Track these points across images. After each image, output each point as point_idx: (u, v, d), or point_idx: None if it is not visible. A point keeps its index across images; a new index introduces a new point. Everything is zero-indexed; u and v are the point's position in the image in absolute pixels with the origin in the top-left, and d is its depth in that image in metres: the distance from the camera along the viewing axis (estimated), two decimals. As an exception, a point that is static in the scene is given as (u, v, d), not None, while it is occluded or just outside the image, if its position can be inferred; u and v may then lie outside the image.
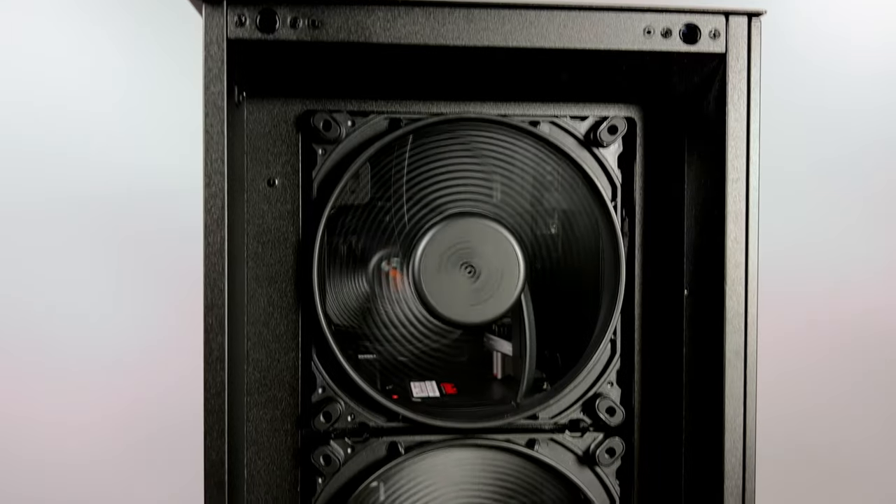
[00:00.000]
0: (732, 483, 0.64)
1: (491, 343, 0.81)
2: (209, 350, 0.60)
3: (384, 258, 0.73)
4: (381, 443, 0.69)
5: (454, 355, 0.75)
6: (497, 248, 0.67)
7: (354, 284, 0.73)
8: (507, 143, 0.70)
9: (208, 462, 0.60)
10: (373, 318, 0.72)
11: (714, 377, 0.65)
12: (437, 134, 0.69)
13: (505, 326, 0.78)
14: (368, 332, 0.71)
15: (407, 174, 0.69)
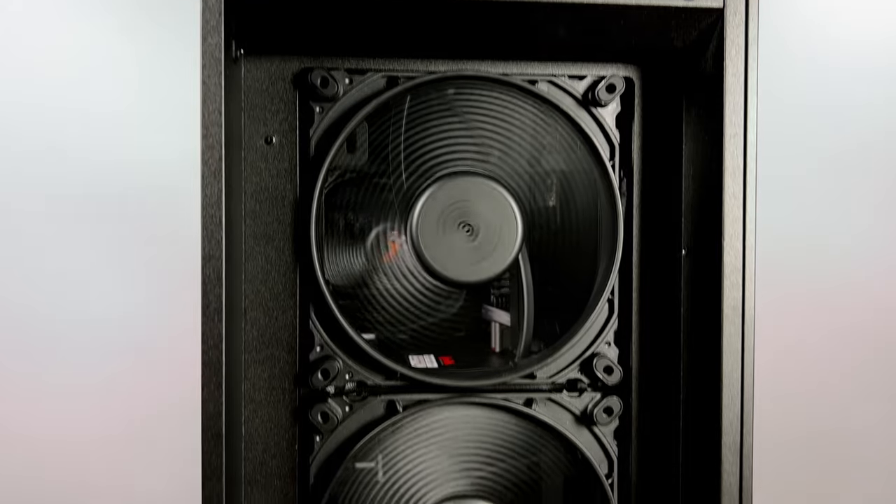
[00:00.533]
0: (730, 439, 0.64)
1: (489, 314, 0.81)
2: (207, 302, 0.60)
3: (382, 232, 0.72)
4: (380, 401, 0.69)
5: (452, 331, 0.75)
6: (495, 208, 0.67)
7: (352, 259, 0.73)
8: (506, 103, 0.70)
9: (206, 414, 0.60)
10: (370, 291, 0.72)
11: (712, 334, 0.65)
12: (434, 93, 0.69)
13: (503, 297, 0.78)
14: (367, 304, 0.71)
15: (405, 134, 0.69)
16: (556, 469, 0.72)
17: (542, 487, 0.72)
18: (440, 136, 0.69)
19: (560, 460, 0.72)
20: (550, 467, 0.72)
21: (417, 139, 0.69)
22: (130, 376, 1.25)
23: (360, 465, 0.71)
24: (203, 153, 0.59)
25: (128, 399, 1.26)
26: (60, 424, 1.26)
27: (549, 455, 0.72)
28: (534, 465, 0.72)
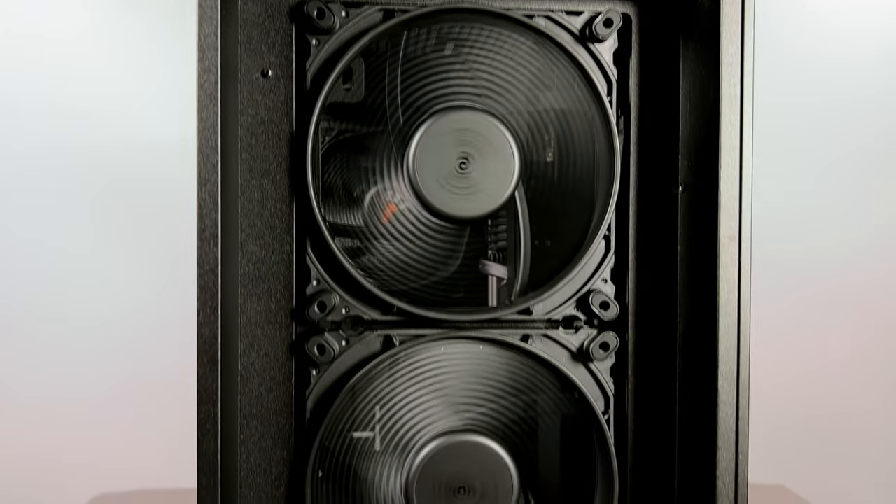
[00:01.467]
0: (727, 369, 0.64)
1: (486, 268, 0.81)
2: (202, 226, 0.60)
3: (378, 193, 0.72)
4: (376, 336, 0.69)
5: (450, 292, 0.74)
6: (492, 142, 0.67)
7: (349, 220, 0.72)
8: (503, 38, 0.69)
9: (201, 339, 0.60)
10: (369, 243, 0.71)
11: (708, 266, 0.65)
12: (431, 28, 0.68)
13: (500, 251, 0.78)
14: (365, 250, 0.71)
15: (401, 68, 0.68)
16: (553, 407, 0.72)
17: (539, 425, 0.72)
18: (437, 72, 0.69)
19: (556, 398, 0.72)
20: (547, 405, 0.72)
21: (414, 74, 0.69)
22: (129, 367, 1.26)
23: (358, 434, 0.71)
24: (199, 76, 0.59)
25: (126, 385, 1.28)
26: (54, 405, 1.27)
27: (545, 393, 0.72)
28: (531, 404, 0.72)
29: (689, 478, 0.68)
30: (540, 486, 0.73)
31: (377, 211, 0.72)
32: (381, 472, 0.70)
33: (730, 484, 0.64)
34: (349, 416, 0.69)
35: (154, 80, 1.24)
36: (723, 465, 0.64)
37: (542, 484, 0.73)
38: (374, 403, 0.69)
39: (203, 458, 0.60)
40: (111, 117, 1.25)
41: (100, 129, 1.25)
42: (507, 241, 0.73)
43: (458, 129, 0.67)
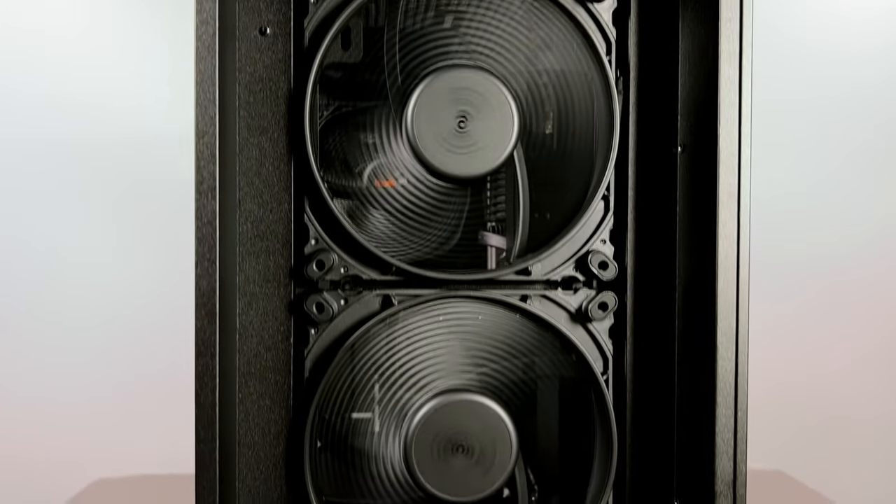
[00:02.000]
0: (726, 324, 0.64)
1: (484, 238, 0.81)
2: (200, 179, 0.60)
3: (377, 170, 0.72)
4: (375, 296, 0.69)
5: (449, 253, 0.74)
6: (491, 101, 0.67)
7: (348, 184, 0.72)
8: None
9: (199, 292, 0.60)
10: (368, 212, 0.71)
11: (707, 224, 0.65)
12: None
13: (499, 223, 0.78)
14: (364, 224, 0.71)
15: (400, 26, 0.68)
16: (552, 368, 0.72)
17: (538, 386, 0.72)
18: (436, 31, 0.69)
19: (555, 360, 0.72)
20: (546, 367, 0.72)
21: (412, 33, 0.69)
22: (129, 356, 1.27)
23: (357, 415, 0.71)
24: (197, 28, 0.59)
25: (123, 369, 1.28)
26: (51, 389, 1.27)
27: (544, 354, 0.72)
28: (529, 365, 0.72)
29: (688, 436, 0.67)
30: (538, 447, 0.73)
31: (376, 183, 0.72)
32: (380, 432, 0.70)
33: (728, 441, 0.64)
34: (348, 376, 0.69)
35: (157, 74, 1.25)
36: (722, 422, 0.64)
37: (540, 445, 0.73)
38: (373, 364, 0.69)
39: (201, 410, 0.60)
40: (111, 112, 1.25)
41: (101, 123, 1.26)
42: (506, 203, 0.72)
43: (456, 87, 0.67)
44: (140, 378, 1.27)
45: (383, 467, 0.70)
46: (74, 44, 1.24)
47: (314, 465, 0.68)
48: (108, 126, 1.25)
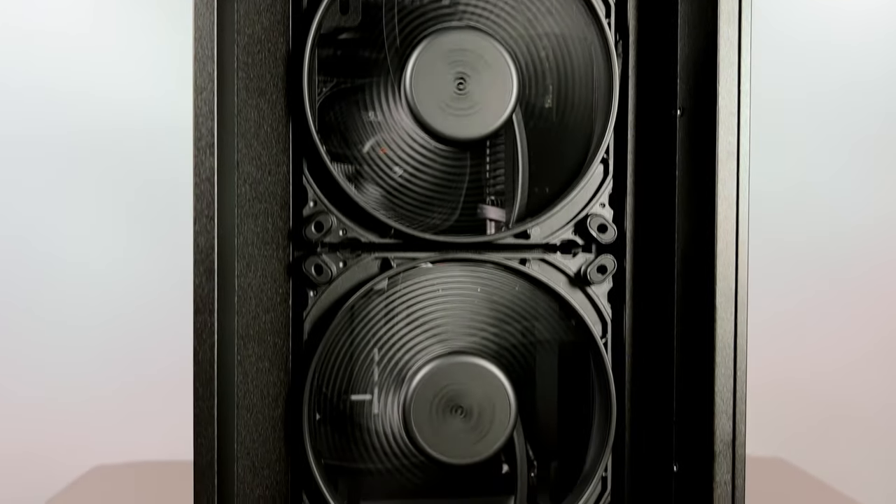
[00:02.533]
0: (725, 285, 0.64)
1: (483, 212, 0.80)
2: (199, 135, 0.59)
3: (376, 144, 0.72)
4: (374, 259, 0.69)
5: (449, 228, 0.74)
6: (490, 62, 0.67)
7: (346, 161, 0.72)
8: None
9: (197, 249, 0.60)
10: (368, 175, 0.71)
11: (706, 186, 0.65)
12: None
13: (498, 195, 0.78)
14: (364, 189, 0.71)
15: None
16: (551, 333, 0.72)
17: (538, 351, 0.72)
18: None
19: (554, 324, 0.72)
20: (545, 331, 0.72)
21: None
22: (124, 333, 1.27)
23: (356, 397, 0.70)
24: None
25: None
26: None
27: (543, 319, 0.72)
28: (528, 330, 0.72)
29: (687, 398, 0.67)
30: (537, 411, 0.73)
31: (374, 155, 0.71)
32: (379, 396, 0.70)
33: (728, 400, 0.64)
34: (347, 338, 0.69)
35: (159, 69, 1.25)
36: (721, 382, 0.64)
37: (539, 409, 0.73)
38: (372, 327, 0.69)
39: (199, 368, 0.59)
40: (111, 102, 1.25)
41: (103, 117, 1.26)
42: (506, 167, 0.72)
43: (454, 49, 0.67)
44: (140, 366, 1.28)
45: (382, 430, 0.69)
46: (78, 38, 1.25)
47: (313, 428, 0.68)
48: (108, 120, 1.26)
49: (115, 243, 1.27)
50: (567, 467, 0.73)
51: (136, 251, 1.27)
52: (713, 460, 0.63)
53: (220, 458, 0.61)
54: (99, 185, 1.27)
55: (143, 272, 1.27)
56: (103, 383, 1.28)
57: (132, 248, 1.27)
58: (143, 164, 1.26)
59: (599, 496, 0.71)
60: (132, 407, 1.28)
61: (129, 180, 1.27)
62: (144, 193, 1.27)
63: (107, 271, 1.27)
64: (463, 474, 0.73)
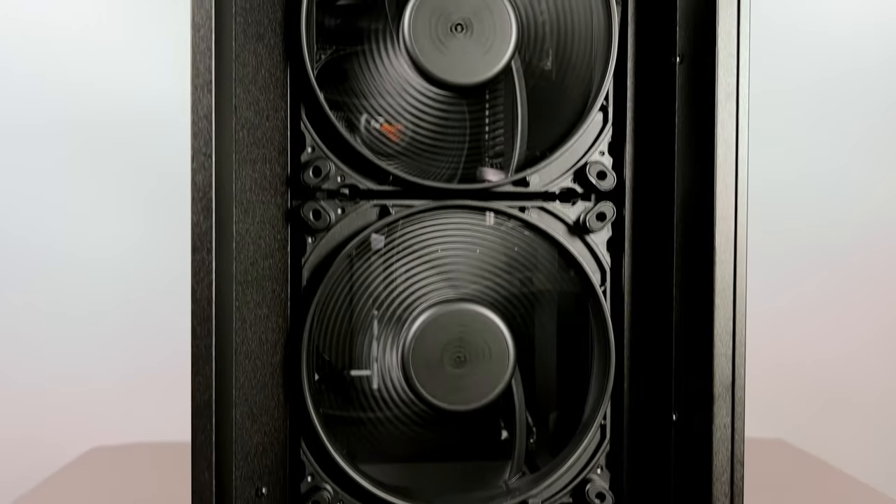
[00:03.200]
0: (725, 225, 0.64)
1: (482, 174, 0.80)
2: (196, 73, 0.59)
3: (372, 118, 0.71)
4: (372, 206, 0.68)
5: (448, 165, 0.73)
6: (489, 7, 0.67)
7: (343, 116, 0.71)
8: None
9: (195, 187, 0.60)
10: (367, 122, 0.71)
11: (705, 130, 0.65)
12: None
13: (497, 157, 0.77)
14: (363, 137, 0.71)
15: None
16: (550, 283, 0.72)
17: (537, 301, 0.72)
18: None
19: (553, 274, 0.72)
20: (544, 282, 0.72)
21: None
22: (123, 315, 1.27)
23: (356, 373, 0.70)
24: (191, -81, 0.58)
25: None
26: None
27: (542, 270, 0.71)
28: (527, 280, 0.72)
29: (686, 345, 0.67)
30: (536, 360, 0.73)
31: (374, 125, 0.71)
32: (378, 343, 0.70)
33: (727, 343, 0.64)
34: (345, 286, 0.69)
35: (150, 36, 1.24)
36: (720, 324, 0.63)
37: (538, 358, 0.73)
38: (371, 274, 0.69)
39: (197, 306, 0.59)
40: (111, 92, 1.25)
41: (100, 104, 1.26)
42: (505, 114, 0.72)
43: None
44: (137, 348, 1.28)
45: (381, 378, 0.69)
46: (83, 31, 1.25)
47: (312, 375, 0.68)
48: (108, 112, 1.26)
49: (116, 232, 1.28)
50: (566, 417, 0.73)
51: (136, 241, 1.27)
52: (712, 403, 0.63)
53: (219, 404, 0.61)
54: (99, 175, 1.27)
55: (144, 262, 1.27)
56: (103, 374, 1.28)
57: (132, 237, 1.27)
58: (145, 157, 1.26)
59: (598, 445, 0.71)
60: (130, 392, 1.29)
61: (131, 171, 1.27)
62: (143, 181, 1.27)
63: (107, 261, 1.27)
64: (462, 436, 0.73)
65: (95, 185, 1.27)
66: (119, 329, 1.28)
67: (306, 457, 0.68)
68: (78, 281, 1.27)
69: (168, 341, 1.23)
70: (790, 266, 1.34)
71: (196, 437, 0.59)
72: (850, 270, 1.36)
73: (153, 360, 1.27)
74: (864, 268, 1.36)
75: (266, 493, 0.67)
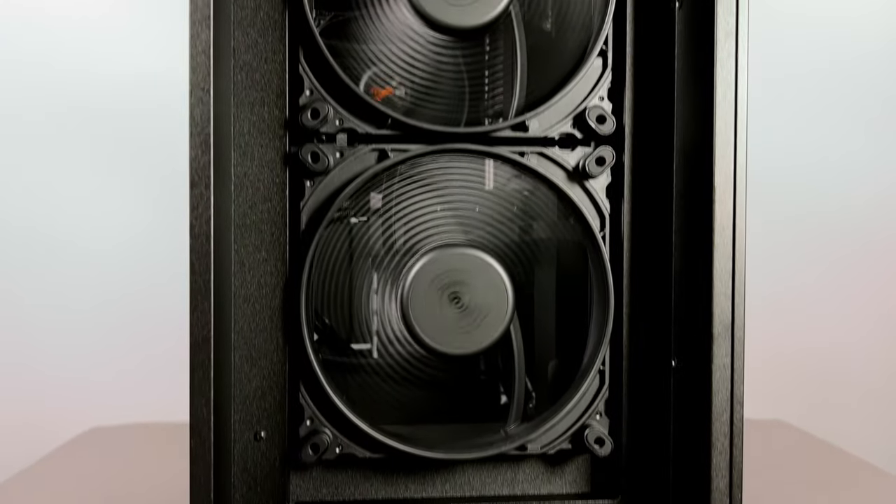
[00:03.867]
0: (724, 162, 0.63)
1: None
2: (194, 8, 0.59)
3: (372, 79, 0.71)
4: (371, 150, 0.68)
5: (446, 110, 0.73)
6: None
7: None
8: None
9: (193, 121, 0.59)
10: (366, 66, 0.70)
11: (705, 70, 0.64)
12: None
13: (496, 112, 0.77)
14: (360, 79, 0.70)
15: None
16: (548, 231, 0.72)
17: (536, 245, 0.72)
18: None
19: (552, 222, 0.72)
20: (543, 229, 0.72)
21: None
22: (122, 303, 1.27)
23: (356, 346, 0.70)
24: None
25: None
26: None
27: (541, 218, 0.71)
28: (526, 228, 0.72)
29: (685, 287, 0.67)
30: (535, 306, 0.73)
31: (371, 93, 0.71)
32: (378, 288, 0.69)
33: (727, 283, 0.63)
34: (344, 230, 0.69)
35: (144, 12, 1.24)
36: (720, 263, 0.63)
37: (537, 304, 0.73)
38: (369, 218, 0.69)
39: (195, 241, 0.59)
40: (104, 53, 1.25)
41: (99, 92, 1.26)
42: (504, 59, 0.72)
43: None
44: (136, 326, 1.28)
45: (380, 322, 0.69)
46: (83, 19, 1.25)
47: (311, 319, 0.68)
48: (108, 99, 1.26)
49: (117, 220, 1.28)
50: (565, 364, 0.73)
51: (136, 231, 1.28)
52: (712, 343, 0.63)
53: (217, 342, 0.61)
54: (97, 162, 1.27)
55: (146, 249, 1.28)
56: (99, 331, 1.28)
57: (132, 227, 1.28)
58: (147, 148, 1.27)
59: (597, 391, 0.71)
60: (127, 358, 1.29)
61: (133, 158, 1.28)
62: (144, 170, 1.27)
63: (106, 248, 1.28)
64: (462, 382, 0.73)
65: (98, 174, 1.27)
66: (118, 298, 1.28)
67: (305, 400, 0.68)
68: (81, 268, 1.27)
69: (171, 329, 1.23)
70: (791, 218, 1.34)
71: (194, 372, 0.59)
72: (850, 260, 1.36)
73: (155, 348, 1.28)
74: (862, 255, 1.36)
75: (265, 437, 0.67)
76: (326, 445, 0.68)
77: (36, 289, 1.28)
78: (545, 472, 0.73)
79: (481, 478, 0.72)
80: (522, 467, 0.73)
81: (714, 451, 0.63)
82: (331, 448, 0.68)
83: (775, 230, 1.32)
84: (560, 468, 0.73)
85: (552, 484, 0.73)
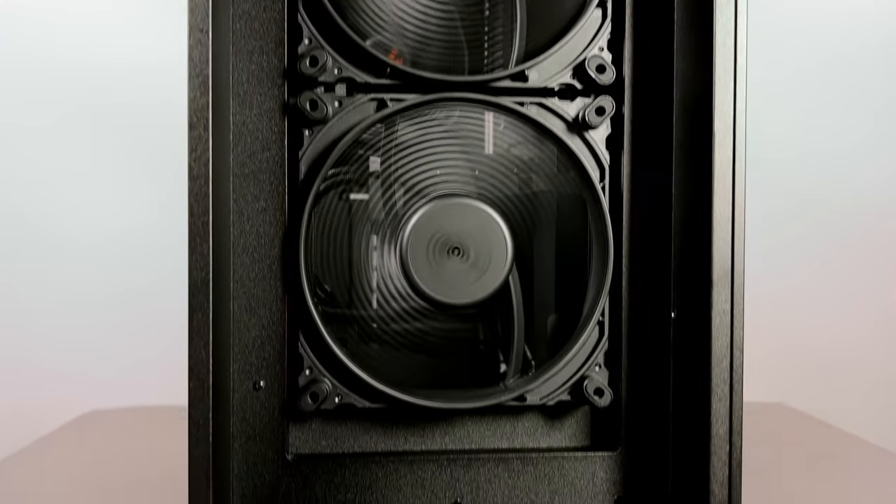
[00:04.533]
0: (724, 111, 0.63)
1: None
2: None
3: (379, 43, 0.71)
4: (370, 100, 0.68)
5: (445, 59, 0.73)
6: None
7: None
8: None
9: (191, 63, 0.59)
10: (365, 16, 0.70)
11: (704, 27, 0.64)
12: None
13: (497, 57, 0.76)
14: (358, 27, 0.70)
15: None
16: (548, 182, 0.72)
17: (535, 196, 0.72)
18: None
19: (551, 174, 0.71)
20: (542, 181, 0.72)
21: None
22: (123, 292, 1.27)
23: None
24: None
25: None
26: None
27: (540, 170, 0.71)
28: (526, 181, 0.71)
29: (684, 236, 0.67)
30: (534, 257, 0.72)
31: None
32: (377, 238, 0.69)
33: (727, 229, 0.63)
34: (342, 179, 0.68)
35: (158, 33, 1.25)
36: (719, 209, 0.63)
37: (536, 256, 0.73)
38: (368, 167, 0.69)
39: (194, 182, 0.59)
40: (107, 39, 1.25)
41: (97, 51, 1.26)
42: (504, 9, 0.71)
43: None
44: (135, 303, 1.28)
45: (379, 275, 0.69)
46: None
47: (310, 269, 0.68)
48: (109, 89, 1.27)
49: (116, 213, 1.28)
50: (564, 315, 0.73)
51: (138, 218, 1.28)
52: (711, 288, 0.63)
53: (216, 285, 0.61)
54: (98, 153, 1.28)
55: (146, 241, 1.28)
56: (98, 315, 1.29)
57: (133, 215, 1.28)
58: (148, 141, 1.27)
59: (597, 342, 0.71)
60: (125, 340, 1.29)
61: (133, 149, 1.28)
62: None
63: (107, 233, 1.28)
64: (462, 332, 0.73)
65: (100, 167, 1.27)
66: (118, 284, 1.29)
67: (304, 350, 0.68)
68: (82, 263, 1.28)
69: (164, 290, 1.24)
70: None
71: (193, 315, 0.59)
72: (850, 250, 1.36)
73: (152, 313, 1.28)
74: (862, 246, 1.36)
75: (264, 387, 0.67)
76: (325, 395, 0.68)
77: (35, 282, 1.28)
78: (544, 425, 0.73)
79: (480, 431, 0.72)
80: (522, 420, 0.73)
81: (714, 398, 0.63)
82: (330, 397, 0.68)
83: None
84: (560, 421, 0.73)
85: (551, 437, 0.73)
